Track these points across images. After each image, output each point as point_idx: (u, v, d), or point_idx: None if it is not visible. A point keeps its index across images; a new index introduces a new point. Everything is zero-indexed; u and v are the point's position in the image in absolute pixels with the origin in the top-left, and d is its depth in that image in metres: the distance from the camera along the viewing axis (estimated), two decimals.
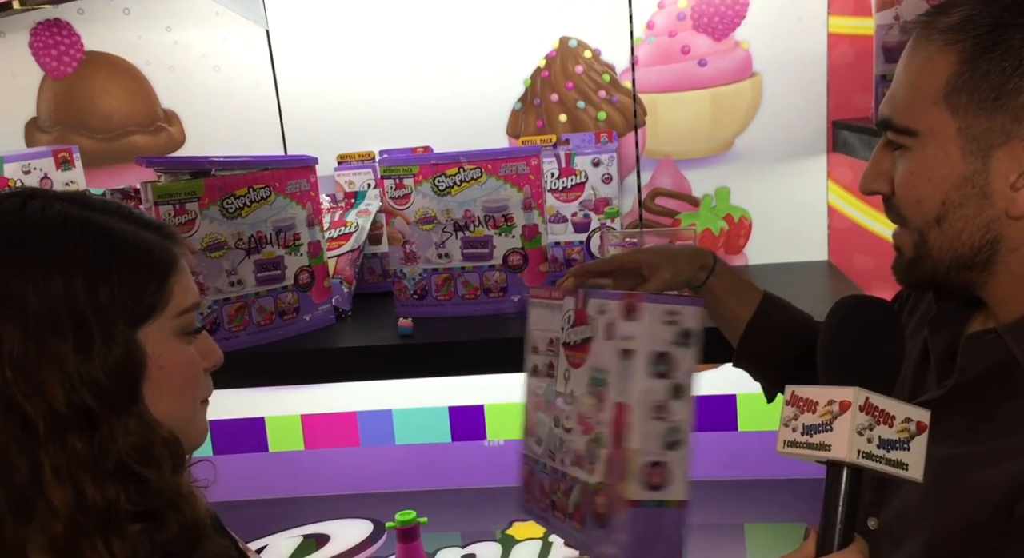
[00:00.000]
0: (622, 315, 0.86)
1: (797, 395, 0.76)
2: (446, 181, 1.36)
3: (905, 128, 0.77)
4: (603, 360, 0.89)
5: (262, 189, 1.29)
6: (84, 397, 0.66)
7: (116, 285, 0.69)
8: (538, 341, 0.97)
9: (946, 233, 0.77)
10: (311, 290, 1.39)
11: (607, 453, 0.87)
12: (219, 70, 1.78)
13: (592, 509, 0.89)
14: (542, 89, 1.71)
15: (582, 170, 1.58)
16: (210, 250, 1.25)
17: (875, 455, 0.72)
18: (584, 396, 0.90)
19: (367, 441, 2.00)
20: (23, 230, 0.68)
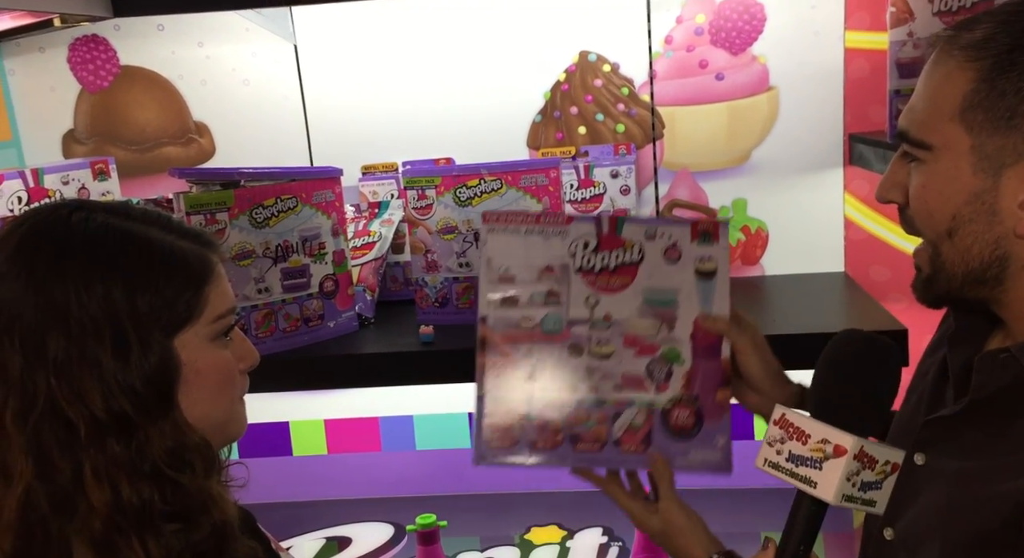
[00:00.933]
0: (694, 238, 0.92)
1: (787, 420, 0.78)
2: (467, 192, 1.39)
3: (920, 142, 0.78)
4: (666, 281, 0.93)
5: (289, 199, 1.33)
6: (121, 403, 0.69)
7: (154, 295, 0.72)
8: (516, 270, 0.93)
9: (957, 247, 0.77)
10: (335, 297, 1.42)
11: (688, 368, 0.93)
12: (248, 84, 1.82)
13: (669, 424, 0.93)
14: (562, 102, 1.73)
15: (600, 181, 1.60)
16: (239, 258, 1.28)
17: (855, 497, 0.75)
18: (637, 318, 0.93)
19: (388, 446, 2.03)
20: (68, 241, 0.71)
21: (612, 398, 0.93)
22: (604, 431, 0.93)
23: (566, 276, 0.93)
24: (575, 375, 0.93)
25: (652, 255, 0.93)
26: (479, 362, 0.97)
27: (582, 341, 0.93)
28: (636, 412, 0.93)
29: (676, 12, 1.69)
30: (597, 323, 0.93)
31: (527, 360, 0.94)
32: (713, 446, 0.95)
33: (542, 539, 1.76)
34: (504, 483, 1.96)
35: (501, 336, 0.94)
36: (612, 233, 0.93)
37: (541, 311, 0.93)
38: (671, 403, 0.93)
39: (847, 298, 1.62)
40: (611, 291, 0.93)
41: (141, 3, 1.58)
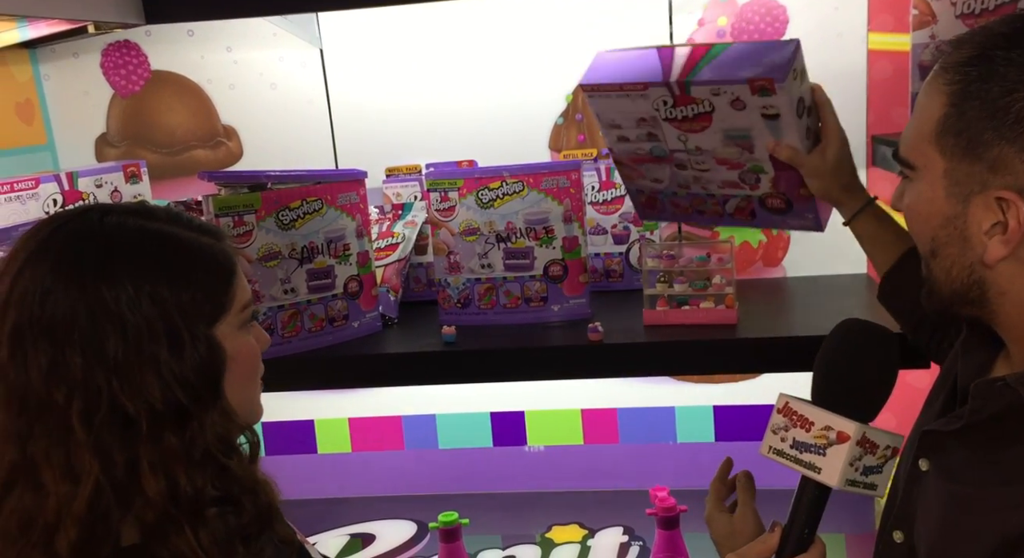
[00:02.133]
0: (754, 93, 1.09)
1: (791, 408, 0.80)
2: (489, 194, 1.40)
3: (906, 161, 0.79)
4: (738, 123, 1.15)
5: (315, 201, 1.34)
6: (178, 395, 0.71)
7: (196, 290, 0.74)
8: (620, 120, 1.22)
9: (940, 267, 0.78)
10: (360, 298, 1.43)
11: (771, 175, 1.20)
12: (275, 88, 1.85)
13: (767, 206, 1.25)
14: (583, 105, 1.74)
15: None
16: (266, 260, 1.30)
17: (857, 481, 0.77)
18: (722, 147, 1.19)
19: (411, 445, 2.05)
20: (109, 246, 0.73)
21: (718, 193, 1.24)
22: (719, 211, 1.27)
23: (656, 123, 1.18)
24: (686, 180, 1.24)
25: (721, 106, 1.13)
26: (620, 172, 1.32)
27: (686, 161, 1.22)
28: (740, 199, 1.23)
29: (698, 15, 1.69)
30: (690, 151, 1.20)
31: (651, 171, 1.25)
32: (804, 217, 1.24)
33: (563, 538, 1.77)
34: (526, 482, 1.98)
35: (628, 158, 1.27)
36: (683, 93, 1.15)
37: (648, 144, 1.22)
38: (766, 195, 1.22)
39: (869, 300, 1.60)
40: (694, 132, 1.17)
41: (172, 10, 1.61)
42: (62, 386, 0.69)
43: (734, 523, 0.95)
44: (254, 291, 1.29)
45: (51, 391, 0.69)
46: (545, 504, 1.90)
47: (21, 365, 0.69)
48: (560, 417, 1.97)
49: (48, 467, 0.69)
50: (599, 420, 1.95)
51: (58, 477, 0.69)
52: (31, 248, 0.73)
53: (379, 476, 2.06)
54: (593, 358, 1.28)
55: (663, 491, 1.56)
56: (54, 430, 0.69)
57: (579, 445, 1.98)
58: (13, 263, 0.73)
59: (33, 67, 1.89)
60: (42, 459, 0.69)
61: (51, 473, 0.69)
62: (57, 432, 0.69)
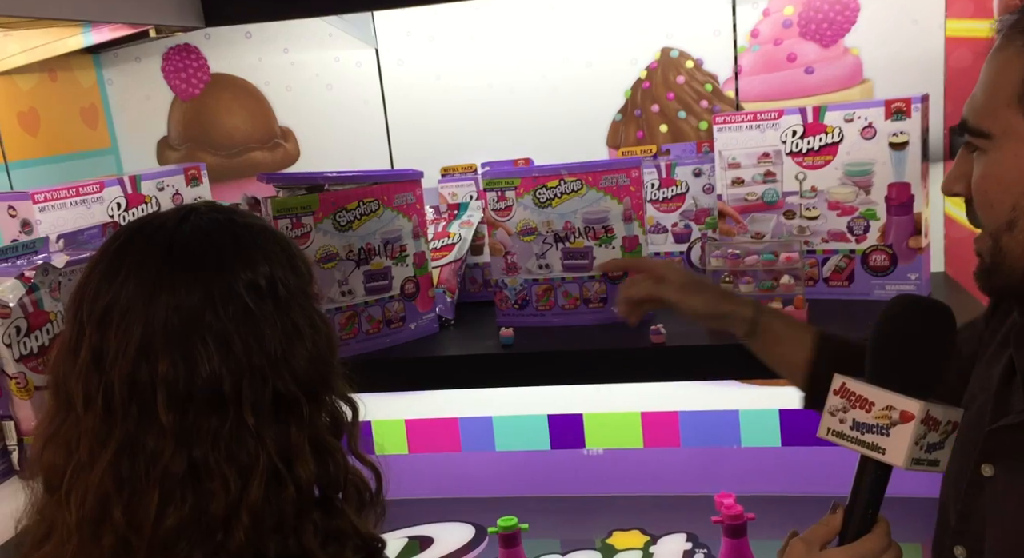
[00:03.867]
0: (888, 116, 1.24)
1: (848, 389, 0.79)
2: (547, 193, 1.40)
3: (979, 130, 0.76)
4: (863, 155, 1.28)
5: (371, 202, 1.36)
6: (320, 371, 0.76)
7: (303, 273, 0.79)
8: (741, 157, 1.37)
9: (1017, 239, 0.75)
10: (416, 299, 1.45)
11: (881, 223, 1.31)
12: (331, 89, 1.88)
13: (868, 265, 1.33)
14: (643, 100, 1.72)
15: (683, 180, 1.58)
16: (324, 261, 1.32)
17: (922, 459, 0.76)
18: (837, 188, 1.31)
19: (468, 446, 2.06)
20: (234, 236, 0.76)
21: (820, 248, 1.35)
22: (816, 272, 1.35)
23: (778, 159, 1.32)
24: (786, 234, 1.34)
25: (850, 135, 1.27)
26: (720, 227, 1.44)
27: (794, 207, 1.34)
28: (841, 257, 1.33)
29: (763, 5, 1.65)
30: (805, 193, 1.32)
31: (755, 222, 1.37)
32: (907, 279, 1.32)
33: (624, 544, 1.76)
34: (585, 486, 1.97)
35: (736, 207, 1.38)
36: (816, 121, 1.29)
37: (761, 187, 1.36)
38: (869, 250, 1.31)
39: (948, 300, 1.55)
40: (816, 167, 1.30)
41: (231, 12, 1.65)
42: (228, 377, 0.70)
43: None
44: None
45: (220, 383, 0.70)
46: (605, 509, 1.89)
47: (189, 365, 0.70)
48: (619, 420, 1.95)
49: (217, 465, 0.70)
50: (660, 423, 1.93)
51: (228, 473, 0.70)
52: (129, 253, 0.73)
53: (436, 478, 2.08)
54: (655, 361, 1.27)
55: (729, 498, 1.54)
56: (223, 424, 0.70)
57: (639, 449, 1.96)
58: (118, 270, 0.72)
59: (97, 72, 1.95)
60: (210, 459, 0.70)
61: (220, 470, 0.70)
62: (225, 425, 0.71)
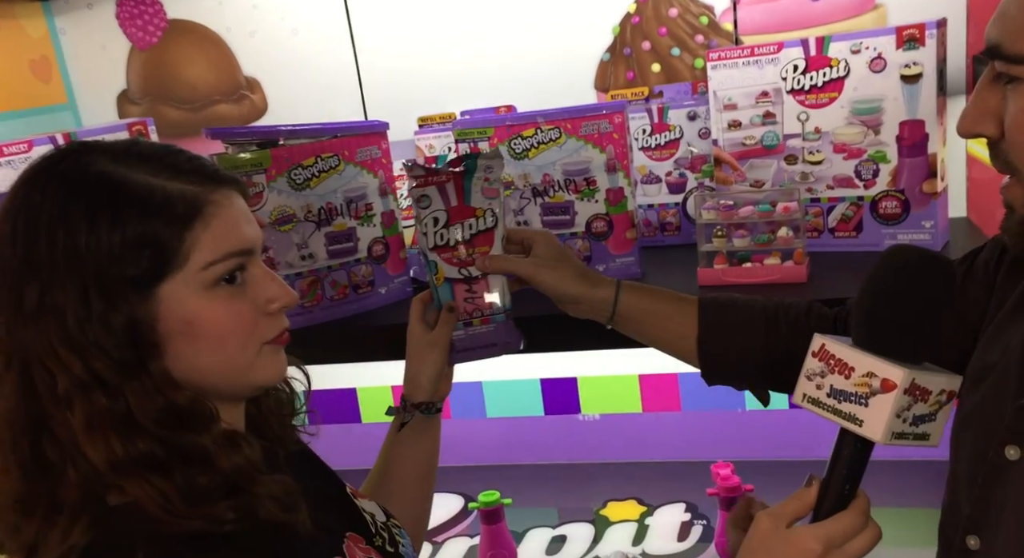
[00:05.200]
0: (899, 45, 1.12)
1: (828, 352, 0.71)
2: (523, 143, 1.30)
3: (1019, 56, 0.65)
4: (872, 91, 1.17)
5: (331, 158, 1.27)
6: (93, 361, 0.68)
7: (122, 242, 0.69)
8: (738, 97, 1.27)
9: None
10: (386, 262, 1.37)
11: (894, 165, 1.20)
12: (297, 33, 1.78)
13: (878, 213, 1.22)
14: (632, 37, 1.61)
15: (676, 125, 1.48)
16: (279, 223, 1.24)
17: (906, 433, 0.69)
18: (844, 129, 1.20)
19: (457, 414, 2.00)
20: (47, 188, 0.70)
21: (825, 196, 1.24)
22: (820, 222, 1.26)
23: (779, 98, 1.22)
24: (788, 182, 1.25)
25: (857, 68, 1.16)
26: (716, 176, 1.34)
27: (796, 152, 1.24)
28: (848, 205, 1.23)
29: None
30: (808, 136, 1.22)
31: (754, 169, 1.26)
32: (920, 228, 1.21)
33: (619, 515, 1.71)
34: (581, 453, 1.91)
35: (733, 153, 1.28)
36: (819, 54, 1.18)
37: (760, 130, 1.25)
38: (879, 196, 1.21)
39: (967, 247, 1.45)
40: (819, 107, 1.20)
41: None
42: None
43: None
44: (269, 259, 1.24)
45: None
46: (601, 477, 1.83)
47: None
48: (616, 383, 1.88)
49: None
50: (659, 386, 1.86)
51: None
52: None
53: None
54: None
55: (727, 468, 1.47)
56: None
57: (637, 413, 1.89)
58: None
59: (48, 21, 1.86)
60: None
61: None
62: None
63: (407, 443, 1.10)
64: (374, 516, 0.93)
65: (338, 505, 0.91)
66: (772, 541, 0.72)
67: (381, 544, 0.89)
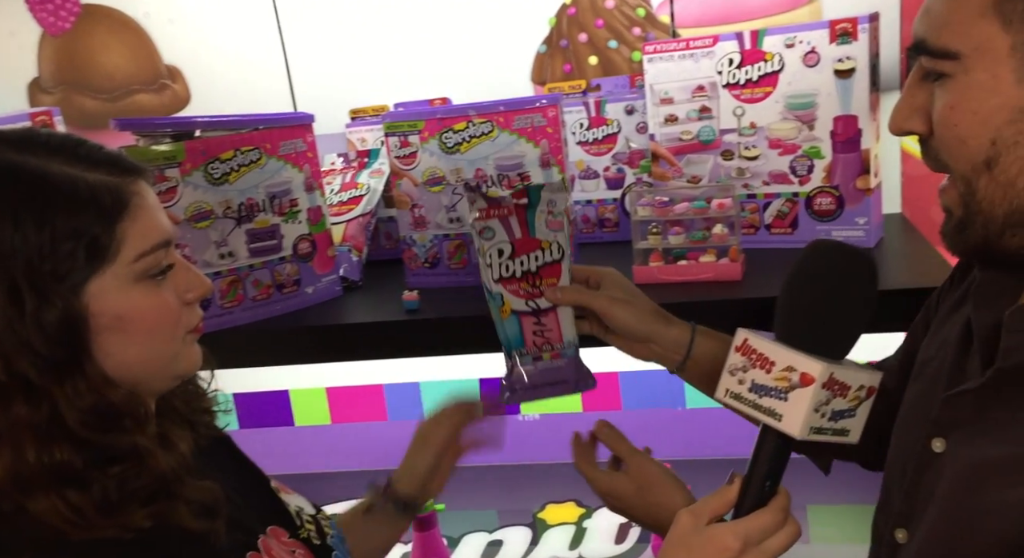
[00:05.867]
0: (833, 40, 1.13)
1: (751, 346, 0.72)
2: (454, 137, 1.27)
3: (943, 50, 0.64)
4: (806, 85, 1.17)
5: (251, 151, 1.22)
6: (17, 362, 0.65)
7: (51, 238, 0.66)
8: (674, 91, 1.25)
9: (998, 180, 0.64)
10: (313, 260, 1.33)
11: (828, 162, 1.20)
12: (220, 20, 1.71)
13: (813, 209, 1.22)
14: (569, 29, 1.59)
15: (614, 119, 1.47)
16: (195, 220, 1.18)
17: (824, 429, 0.69)
18: (779, 124, 1.20)
19: (395, 415, 1.96)
20: None
21: (761, 192, 1.24)
22: (757, 219, 1.26)
23: (715, 91, 1.21)
24: (724, 177, 1.25)
25: (791, 62, 1.16)
26: (653, 171, 1.33)
27: (732, 147, 1.23)
28: (784, 201, 1.24)
29: None
30: (744, 131, 1.21)
31: (691, 164, 1.25)
32: (854, 225, 1.22)
33: (557, 518, 1.69)
34: (521, 454, 1.89)
35: (669, 148, 1.27)
36: (754, 47, 1.18)
37: (697, 125, 1.24)
38: (815, 191, 1.21)
39: (905, 246, 1.47)
40: (755, 100, 1.19)
41: None
42: None
43: (636, 472, 0.93)
44: (185, 258, 1.18)
45: None
46: (540, 478, 1.81)
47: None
48: None
49: None
50: (599, 385, 1.84)
51: None
52: None
53: (360, 449, 1.98)
54: None
55: None
56: None
57: (578, 413, 1.88)
58: None
59: None
60: None
61: None
62: None
63: (365, 526, 1.08)
64: (301, 509, 0.93)
65: (259, 498, 0.89)
66: (691, 538, 0.73)
67: (307, 536, 0.88)
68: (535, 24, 1.61)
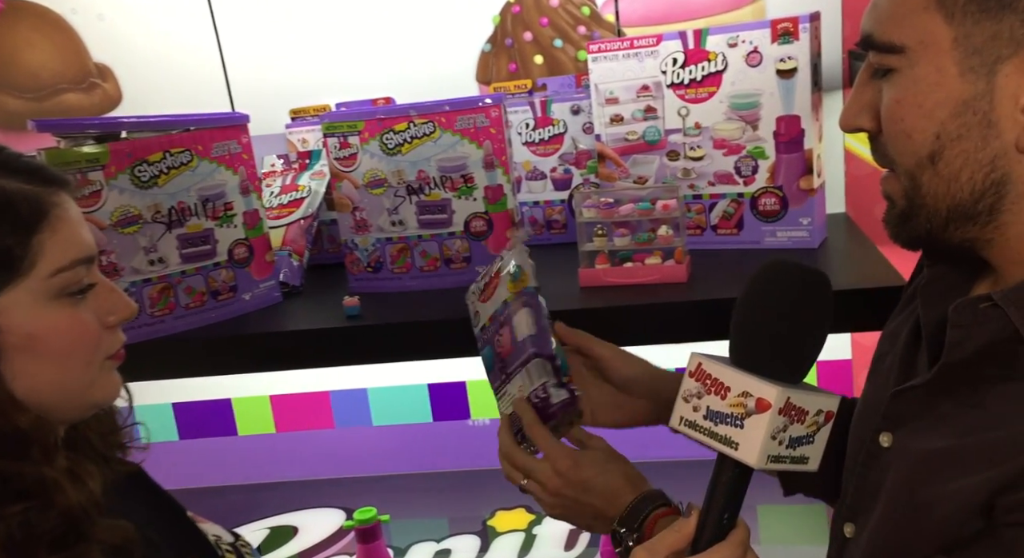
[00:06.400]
0: (775, 39, 1.13)
1: (705, 371, 0.68)
2: (395, 138, 1.24)
3: (889, 44, 0.64)
4: (749, 85, 1.17)
5: (181, 153, 1.18)
6: None
7: None
8: (619, 90, 1.25)
9: (942, 174, 0.65)
10: (250, 266, 1.29)
11: (772, 162, 1.21)
12: (152, 17, 1.65)
13: (758, 210, 1.23)
14: (514, 27, 1.57)
15: (560, 119, 1.45)
16: (121, 225, 1.14)
17: (783, 457, 0.66)
18: (723, 124, 1.20)
19: (341, 422, 1.93)
20: None
21: (707, 192, 1.25)
22: (703, 219, 1.27)
23: (660, 91, 1.22)
24: (672, 177, 1.26)
25: (734, 62, 1.17)
26: (600, 172, 1.33)
27: (678, 147, 1.24)
28: (729, 201, 1.24)
29: None
30: (689, 131, 1.22)
31: (636, 165, 1.26)
32: (798, 225, 1.23)
33: (507, 525, 1.67)
34: (470, 460, 1.87)
35: (615, 148, 1.28)
36: (697, 47, 1.19)
37: (642, 125, 1.25)
38: (760, 192, 1.22)
39: (849, 245, 1.48)
40: (700, 101, 1.20)
41: None
42: None
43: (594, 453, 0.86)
44: (111, 264, 1.14)
45: None
46: (490, 484, 1.79)
47: None
48: None
49: None
50: None
51: None
52: None
53: (306, 458, 1.94)
54: None
55: None
56: None
57: None
58: None
59: None
60: None
61: None
62: None
63: None
64: (220, 538, 0.89)
65: (175, 531, 0.85)
66: None
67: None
68: (479, 22, 1.59)
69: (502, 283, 0.98)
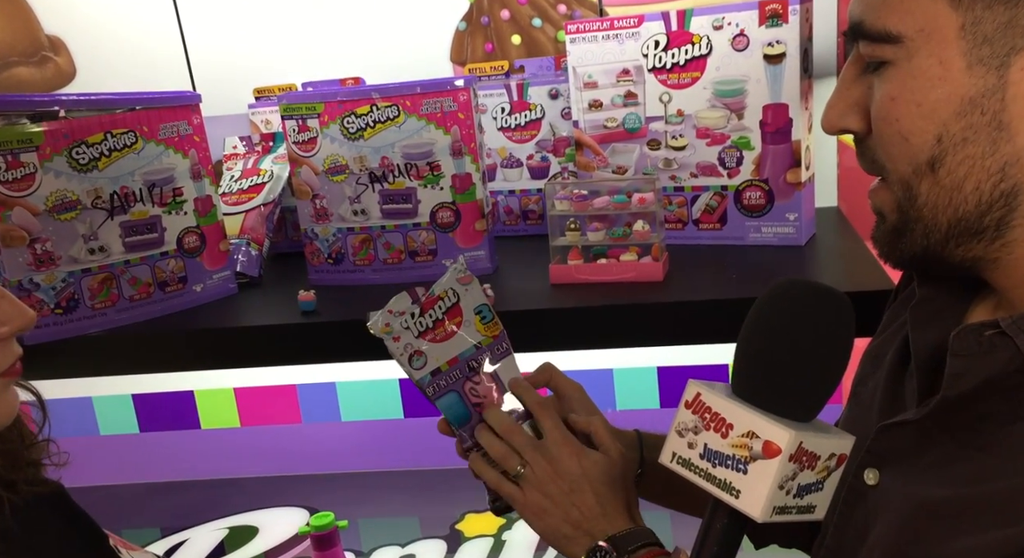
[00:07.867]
0: (762, 22, 1.07)
1: (704, 403, 0.60)
2: (357, 122, 1.18)
3: (883, 33, 0.57)
4: (735, 71, 1.11)
5: (124, 134, 1.11)
6: None
7: None
8: (598, 74, 1.19)
9: (943, 183, 0.57)
10: (202, 255, 1.22)
11: (759, 153, 1.14)
12: None
13: (742, 204, 1.17)
14: (490, 5, 1.50)
15: (537, 104, 1.39)
16: (57, 211, 1.07)
17: (788, 507, 0.58)
18: (707, 112, 1.14)
19: (309, 417, 1.87)
20: None
21: (689, 184, 1.19)
22: (685, 213, 1.22)
23: (641, 76, 1.16)
24: (653, 167, 1.20)
25: (719, 45, 1.11)
26: (577, 160, 1.27)
27: (659, 136, 1.18)
28: (712, 195, 1.18)
29: None
30: (671, 119, 1.16)
31: (616, 155, 1.20)
32: (784, 220, 1.17)
33: (475, 530, 1.62)
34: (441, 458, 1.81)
35: (593, 136, 1.22)
36: (680, 29, 1.13)
37: (622, 112, 1.19)
38: (743, 186, 1.16)
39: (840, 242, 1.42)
40: (683, 86, 1.14)
41: None
42: None
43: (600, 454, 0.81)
44: (46, 253, 1.08)
45: None
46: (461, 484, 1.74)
47: None
48: None
49: None
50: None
51: None
52: None
53: (271, 455, 1.89)
54: None
55: None
56: None
57: None
58: None
59: None
60: None
61: None
62: None
63: None
64: None
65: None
66: None
67: None
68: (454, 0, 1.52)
69: (467, 324, 0.91)
